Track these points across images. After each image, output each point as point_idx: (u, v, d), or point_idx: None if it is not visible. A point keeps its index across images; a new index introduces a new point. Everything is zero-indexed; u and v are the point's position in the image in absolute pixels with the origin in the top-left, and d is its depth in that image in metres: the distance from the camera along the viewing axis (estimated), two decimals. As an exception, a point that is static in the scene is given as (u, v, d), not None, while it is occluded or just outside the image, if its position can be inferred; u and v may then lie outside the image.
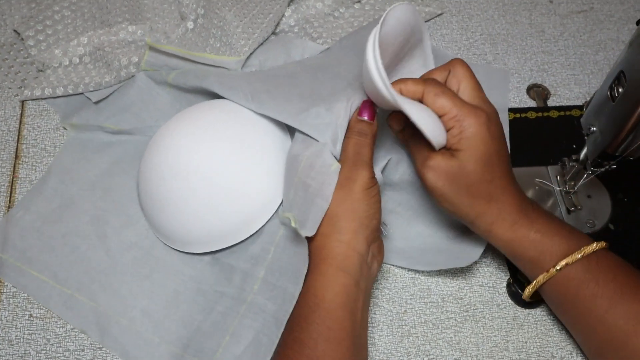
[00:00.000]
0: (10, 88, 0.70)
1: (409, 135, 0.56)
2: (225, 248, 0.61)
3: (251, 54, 0.71)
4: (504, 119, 0.66)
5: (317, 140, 0.57)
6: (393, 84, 0.54)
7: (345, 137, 0.57)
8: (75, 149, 0.66)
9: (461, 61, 0.56)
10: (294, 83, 0.64)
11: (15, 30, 0.74)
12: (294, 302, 0.53)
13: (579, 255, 0.51)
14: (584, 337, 0.55)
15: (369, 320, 0.59)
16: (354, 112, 0.58)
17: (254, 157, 0.60)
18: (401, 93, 0.54)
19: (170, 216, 0.59)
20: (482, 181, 0.53)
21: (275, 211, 0.61)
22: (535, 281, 0.54)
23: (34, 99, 0.69)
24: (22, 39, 0.72)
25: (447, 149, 0.53)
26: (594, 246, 0.52)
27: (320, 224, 0.53)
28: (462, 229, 0.61)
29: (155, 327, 0.57)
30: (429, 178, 0.54)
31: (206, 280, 0.60)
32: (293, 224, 0.53)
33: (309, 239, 0.54)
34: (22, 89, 0.69)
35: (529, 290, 0.56)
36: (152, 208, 0.61)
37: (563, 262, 0.52)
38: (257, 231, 0.61)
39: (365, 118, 0.56)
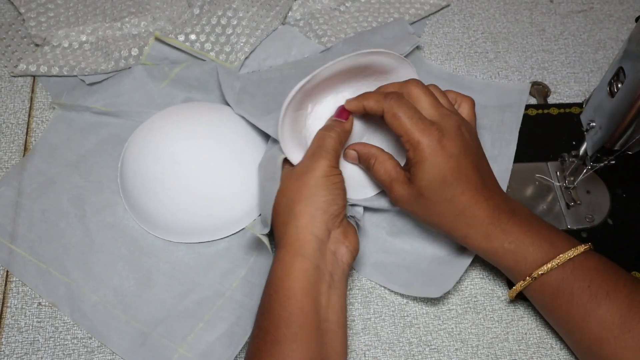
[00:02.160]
0: (6, 66, 0.71)
1: (375, 173, 0.59)
2: (202, 242, 0.62)
3: (251, 53, 0.72)
4: (513, 139, 0.67)
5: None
6: (358, 97, 0.58)
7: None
8: (61, 127, 0.67)
9: (415, 81, 0.57)
10: (282, 90, 0.66)
11: (12, 3, 0.74)
12: None
13: (556, 263, 0.52)
14: (566, 339, 0.57)
15: (372, 310, 0.60)
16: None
17: (241, 161, 0.62)
18: (364, 110, 0.57)
19: (151, 203, 0.61)
20: (443, 201, 0.54)
21: (258, 217, 0.63)
22: (514, 287, 0.55)
23: (28, 75, 0.70)
24: (23, 20, 0.73)
25: (408, 171, 0.56)
26: (570, 253, 0.52)
27: (280, 213, 0.54)
28: (443, 251, 0.62)
29: (125, 305, 0.58)
30: (399, 204, 0.58)
31: (181, 269, 0.60)
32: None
33: (274, 231, 0.55)
34: (18, 65, 0.70)
35: (509, 294, 0.57)
36: (134, 192, 0.62)
37: (538, 272, 0.52)
38: (239, 232, 0.62)
39: (338, 118, 0.59)
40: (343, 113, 0.59)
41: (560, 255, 0.52)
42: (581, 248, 0.53)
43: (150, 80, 0.69)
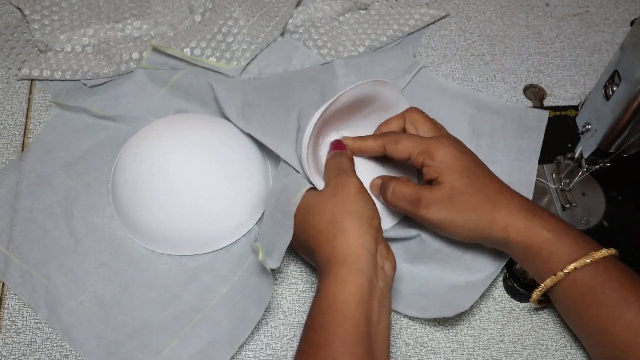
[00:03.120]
0: (10, 68, 0.71)
1: (396, 197, 0.58)
2: (186, 255, 0.61)
3: (252, 59, 0.72)
4: (533, 168, 0.66)
5: (295, 169, 0.60)
6: (355, 139, 0.61)
7: (325, 167, 0.59)
8: (57, 127, 0.67)
9: (415, 108, 0.60)
10: (286, 92, 0.67)
11: (19, 9, 0.75)
12: (253, 326, 0.56)
13: (588, 260, 0.51)
14: (590, 344, 0.56)
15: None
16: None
17: (233, 178, 0.62)
18: (361, 151, 0.60)
19: (139, 211, 0.60)
20: (476, 190, 0.55)
21: (244, 235, 0.63)
22: (543, 284, 0.54)
23: (31, 79, 0.71)
24: (27, 21, 0.74)
25: (429, 184, 0.57)
26: (603, 252, 0.52)
27: (323, 231, 0.53)
28: (461, 278, 0.61)
29: (102, 312, 0.58)
30: (432, 215, 0.55)
31: (162, 280, 0.60)
32: (260, 257, 0.54)
33: (317, 252, 0.53)
34: (22, 69, 0.71)
35: (536, 293, 0.55)
36: (123, 198, 0.61)
37: (572, 266, 0.51)
38: (224, 248, 0.62)
39: (338, 150, 0.60)
40: (339, 145, 0.60)
41: (594, 252, 0.52)
42: (612, 250, 0.53)
43: (151, 85, 0.70)
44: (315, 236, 0.53)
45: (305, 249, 0.56)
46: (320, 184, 0.57)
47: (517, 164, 0.67)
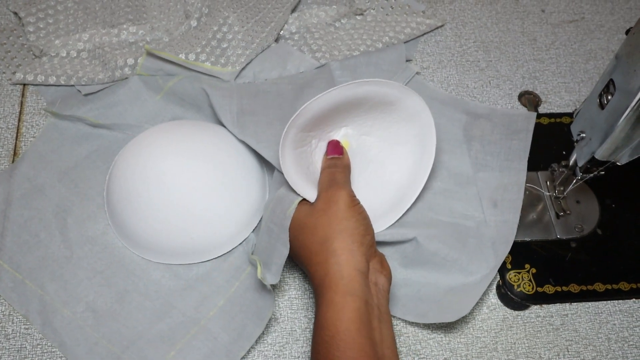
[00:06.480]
0: (4, 73, 0.71)
1: None
2: (182, 264, 0.61)
3: (247, 64, 0.72)
4: (522, 167, 0.66)
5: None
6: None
7: (320, 175, 0.58)
8: (52, 136, 0.67)
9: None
10: (280, 103, 0.66)
11: (15, 13, 0.75)
12: (252, 342, 0.56)
13: None
14: None
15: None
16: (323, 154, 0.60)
17: (230, 186, 0.62)
18: None
19: (134, 219, 0.60)
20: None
21: (240, 244, 0.62)
22: None
23: (25, 84, 0.70)
24: (23, 25, 0.73)
25: None
26: None
27: (316, 252, 0.52)
28: (458, 281, 0.61)
29: (97, 323, 0.57)
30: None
31: (158, 290, 0.60)
32: (259, 274, 0.54)
33: (310, 273, 0.53)
34: (16, 73, 0.70)
35: None
36: (118, 207, 0.61)
37: None
38: (220, 258, 0.62)
39: (334, 155, 0.59)
40: (337, 149, 0.60)
41: None
42: None
43: (145, 92, 0.69)
44: (308, 257, 0.53)
45: (300, 264, 0.56)
46: (311, 196, 0.56)
47: (507, 164, 0.67)
